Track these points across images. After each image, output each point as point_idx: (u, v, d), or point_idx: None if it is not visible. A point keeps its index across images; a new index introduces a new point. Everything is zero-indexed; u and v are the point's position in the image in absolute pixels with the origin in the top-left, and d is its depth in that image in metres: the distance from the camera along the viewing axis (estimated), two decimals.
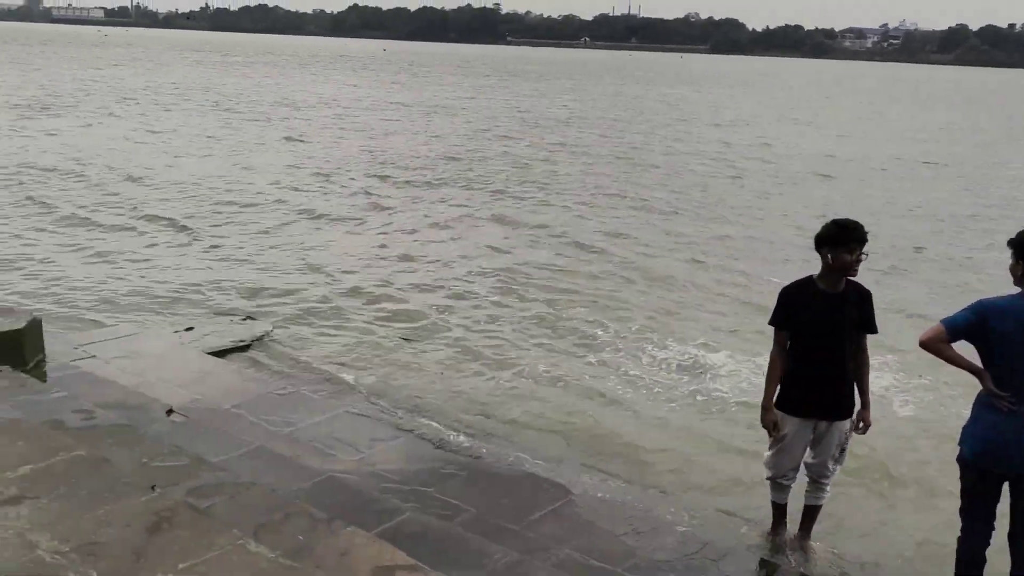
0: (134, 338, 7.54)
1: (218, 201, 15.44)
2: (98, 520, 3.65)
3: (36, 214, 13.80)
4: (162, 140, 23.64)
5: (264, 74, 60.86)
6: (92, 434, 4.82)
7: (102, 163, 18.98)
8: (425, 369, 7.72)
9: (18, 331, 5.98)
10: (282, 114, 32.53)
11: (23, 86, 39.30)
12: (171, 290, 9.94)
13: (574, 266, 11.77)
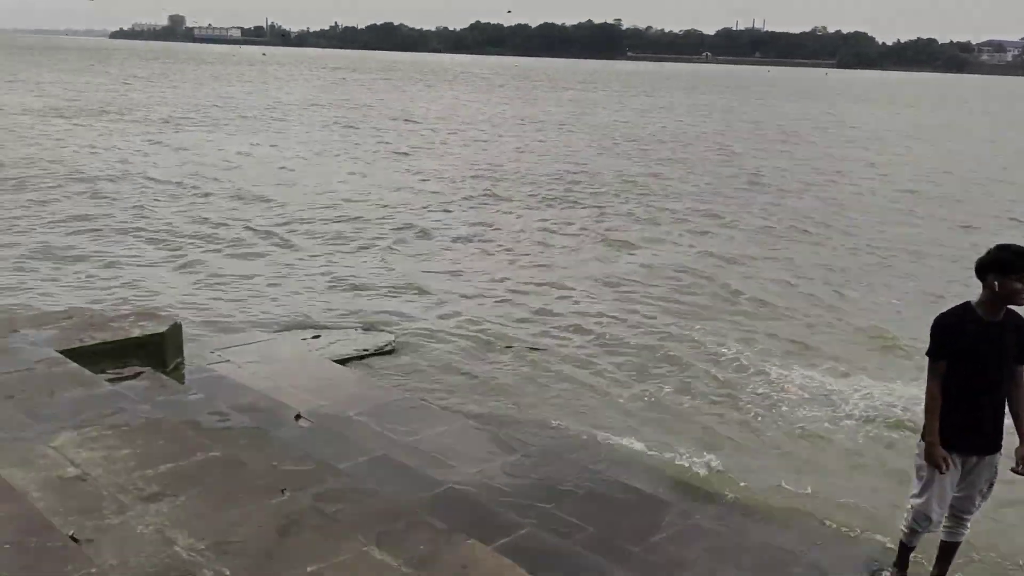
0: (266, 344, 7.82)
1: (341, 215, 15.90)
2: (232, 520, 3.77)
3: (175, 226, 14.52)
4: (289, 155, 24.55)
5: (385, 89, 62.56)
6: (226, 435, 5.01)
7: (231, 177, 19.87)
8: (546, 385, 7.70)
9: (161, 335, 6.28)
10: (401, 128, 33.35)
11: (163, 102, 41.62)
12: (300, 299, 10.29)
13: (693, 286, 11.56)
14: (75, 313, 6.78)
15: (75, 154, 22.26)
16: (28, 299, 9.84)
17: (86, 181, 18.24)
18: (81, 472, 4.10)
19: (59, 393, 5.07)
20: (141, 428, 4.63)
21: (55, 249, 12.34)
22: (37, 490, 3.90)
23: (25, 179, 18.13)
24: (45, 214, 14.75)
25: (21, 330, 6.14)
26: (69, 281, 10.77)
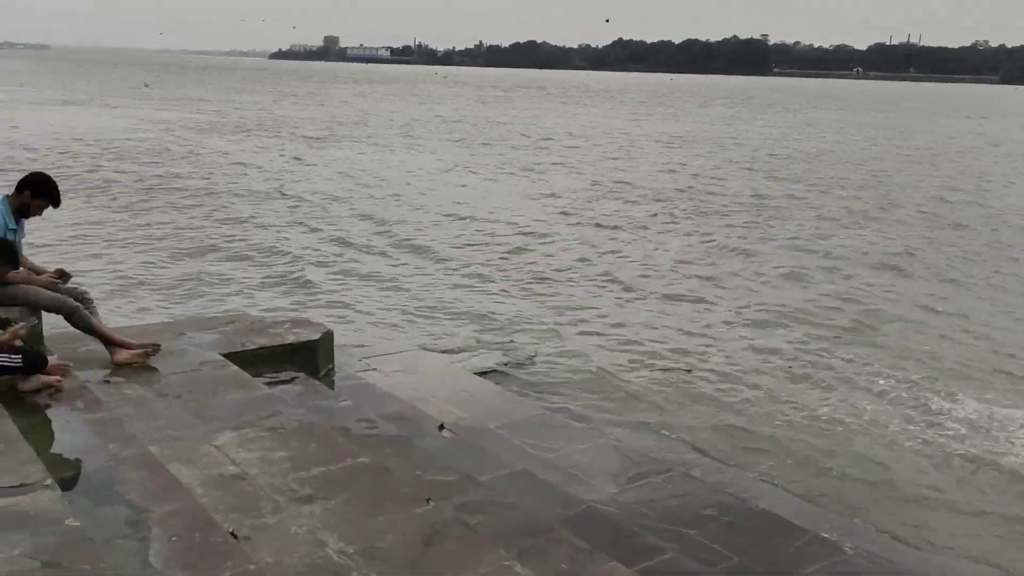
0: (411, 355, 8.01)
1: (477, 229, 16.15)
2: (379, 526, 3.87)
3: (320, 237, 15.12)
4: (429, 170, 25.18)
5: (524, 106, 63.29)
6: (374, 443, 5.15)
7: (372, 190, 20.56)
8: (688, 405, 7.55)
9: (314, 342, 6.54)
10: (539, 145, 33.60)
11: (310, 119, 43.54)
12: (444, 312, 10.49)
13: (836, 310, 11.08)
14: (237, 319, 7.15)
15: (229, 168, 23.58)
16: (194, 304, 10.46)
17: (235, 194, 19.27)
18: (240, 471, 4.30)
19: (221, 394, 5.34)
20: (295, 431, 4.82)
21: (217, 257, 13.08)
22: (201, 486, 4.12)
23: (187, 190, 19.35)
24: (207, 224, 15.66)
25: (188, 333, 6.52)
26: (230, 288, 11.37)
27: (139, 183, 20.29)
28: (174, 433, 4.73)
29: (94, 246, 13.52)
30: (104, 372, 5.60)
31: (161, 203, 17.79)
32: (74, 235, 14.02)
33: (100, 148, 27.19)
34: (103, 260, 12.57)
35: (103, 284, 10.79)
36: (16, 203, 5.70)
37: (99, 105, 49.10)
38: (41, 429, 4.59)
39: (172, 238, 14.44)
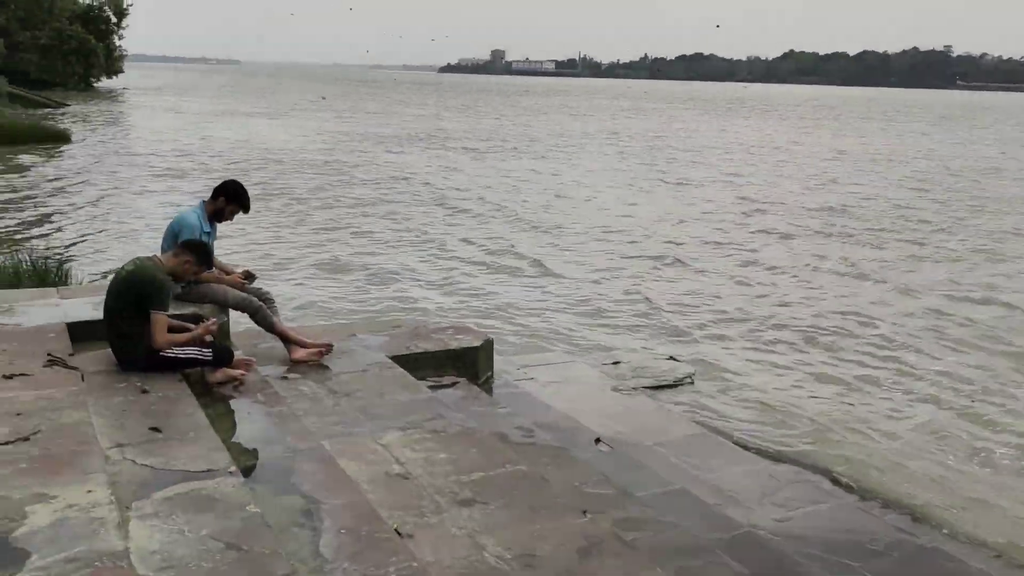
0: (568, 366, 8.05)
1: (641, 243, 16.02)
2: (535, 534, 3.90)
3: (487, 246, 15.42)
4: (592, 182, 25.22)
5: (685, 119, 62.37)
6: (531, 451, 5.21)
7: (539, 202, 20.77)
8: (858, 436, 7.22)
9: (475, 348, 6.69)
10: (696, 159, 33.04)
11: (476, 129, 44.51)
12: (603, 324, 10.49)
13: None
14: (403, 323, 7.41)
15: (395, 176, 24.46)
16: (364, 307, 10.93)
17: (401, 203, 19.96)
18: (405, 470, 4.45)
19: (388, 395, 5.55)
20: (457, 435, 4.94)
21: (385, 262, 13.61)
22: (368, 483, 4.29)
23: (356, 198, 20.22)
24: (376, 230, 16.32)
25: (358, 335, 6.82)
26: (397, 292, 11.81)
27: (313, 190, 21.40)
28: (344, 429, 4.95)
29: (274, 249, 14.35)
30: (282, 368, 5.94)
31: (333, 209, 18.69)
32: (256, 238, 14.93)
33: (278, 157, 28.87)
34: (281, 262, 13.32)
35: (281, 285, 11.44)
36: (211, 208, 6.14)
37: (280, 116, 52.15)
38: (226, 419, 4.91)
39: (343, 243, 15.13)
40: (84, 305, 6.19)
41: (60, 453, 3.81)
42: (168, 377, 5.14)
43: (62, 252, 12.85)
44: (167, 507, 3.55)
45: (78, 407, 4.35)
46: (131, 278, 5.19)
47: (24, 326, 5.67)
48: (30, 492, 3.43)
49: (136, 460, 4.01)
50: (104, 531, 3.16)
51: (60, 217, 16.96)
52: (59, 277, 10.05)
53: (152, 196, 19.83)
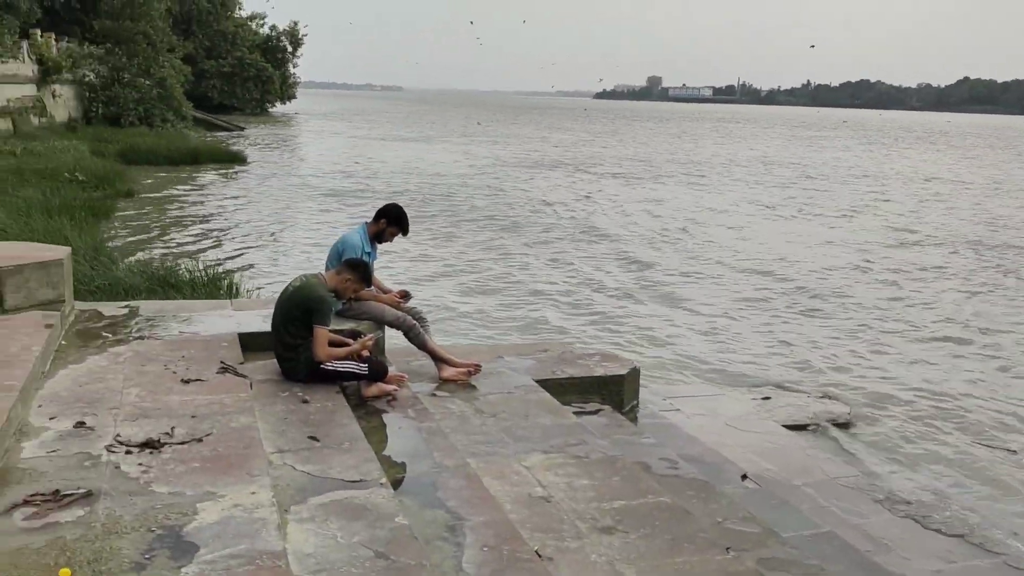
0: (714, 399, 7.91)
1: (789, 274, 15.53)
2: (676, 567, 3.87)
3: (635, 273, 15.36)
4: (740, 210, 24.67)
5: (846, 148, 59.98)
6: (675, 483, 5.15)
7: (688, 228, 20.49)
8: (1012, 487, 6.74)
9: (621, 376, 6.68)
10: (853, 190, 31.71)
11: (626, 155, 44.39)
12: (752, 357, 10.24)
13: None
14: (550, 347, 7.49)
15: (543, 201, 24.71)
16: (511, 329, 11.10)
17: (549, 227, 20.14)
18: (547, 494, 4.51)
19: (532, 418, 5.63)
20: (599, 462, 4.96)
21: (532, 285, 13.78)
22: (510, 503, 4.37)
23: (507, 221, 20.58)
24: (525, 253, 16.55)
25: (505, 357, 6.95)
26: (544, 315, 11.93)
27: (465, 212, 21.95)
28: (489, 449, 5.06)
29: (427, 269, 14.81)
30: (432, 386, 6.13)
31: (483, 232, 19.10)
32: (411, 258, 15.44)
33: (433, 179, 29.79)
34: (434, 282, 13.73)
35: (432, 304, 11.79)
36: (373, 229, 6.44)
37: (436, 140, 53.83)
38: (378, 432, 5.12)
39: (491, 265, 15.43)
40: (254, 317, 6.60)
41: (228, 455, 4.08)
42: (327, 389, 5.41)
43: (234, 266, 13.71)
44: (322, 513, 3.74)
45: (245, 413, 4.64)
46: (297, 294, 5.51)
47: (201, 335, 6.11)
48: (202, 490, 3.69)
49: (295, 466, 4.24)
50: (265, 531, 3.36)
51: (233, 233, 18.11)
52: (230, 290, 10.74)
53: (317, 216, 20.87)
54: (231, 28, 69.89)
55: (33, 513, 3.45)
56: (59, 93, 39.05)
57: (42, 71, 36.25)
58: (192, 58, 59.77)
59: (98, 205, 17.64)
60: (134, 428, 4.33)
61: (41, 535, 3.28)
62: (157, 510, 3.50)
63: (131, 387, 4.95)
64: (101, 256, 11.69)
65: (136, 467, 3.90)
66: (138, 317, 6.53)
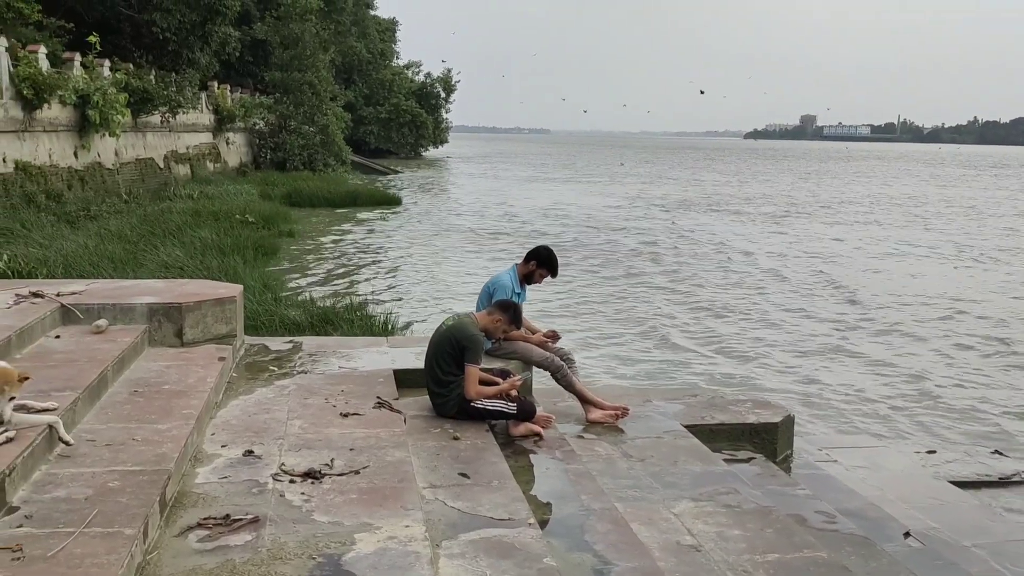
0: (876, 451, 7.53)
1: (953, 317, 14.65)
2: None
3: (786, 317, 14.88)
4: (892, 252, 23.54)
5: (1000, 186, 56.28)
6: (833, 538, 4.93)
7: (840, 270, 19.70)
8: None
9: (774, 424, 6.47)
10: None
11: (772, 195, 43.21)
12: (913, 407, 9.71)
13: None
14: (700, 392, 7.37)
15: (687, 240, 24.36)
16: (659, 372, 10.98)
17: (696, 267, 19.80)
18: (696, 542, 4.41)
19: (681, 464, 5.54)
20: (752, 513, 4.81)
21: (682, 326, 13.59)
22: (659, 550, 4.30)
23: (653, 260, 20.41)
24: (670, 294, 16.35)
25: (653, 400, 6.87)
26: (693, 358, 11.73)
27: (609, 253, 21.93)
28: (637, 494, 5.01)
29: (574, 309, 14.87)
30: (579, 428, 6.14)
31: (628, 272, 19.01)
32: (559, 299, 15.54)
33: (579, 220, 29.96)
34: (579, 322, 13.76)
35: (578, 344, 11.81)
36: (523, 271, 6.56)
37: (581, 182, 54.22)
38: (526, 471, 5.16)
39: (638, 304, 15.33)
40: (408, 354, 6.81)
41: (383, 488, 4.21)
42: (476, 426, 5.51)
43: (387, 303, 14.20)
44: (472, 549, 3.81)
45: (400, 447, 4.79)
46: (450, 332, 5.66)
47: (359, 371, 6.36)
48: (359, 521, 3.83)
49: (446, 502, 4.34)
50: (419, 565, 3.45)
51: (387, 272, 18.79)
52: (384, 326, 11.13)
53: (466, 256, 21.39)
54: (388, 76, 73.06)
55: (206, 536, 3.67)
56: (232, 140, 41.82)
57: (218, 120, 38.96)
58: (352, 105, 62.86)
59: (265, 244, 18.72)
60: (297, 458, 4.55)
61: (213, 557, 3.49)
62: (318, 538, 3.65)
63: (295, 419, 5.20)
64: (267, 293, 12.37)
65: (299, 496, 4.09)
66: (301, 352, 6.87)
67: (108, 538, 3.28)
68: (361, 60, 68.49)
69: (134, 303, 6.24)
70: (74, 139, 23.07)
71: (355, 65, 68.10)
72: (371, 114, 70.30)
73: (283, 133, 44.90)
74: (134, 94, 25.93)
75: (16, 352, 5.22)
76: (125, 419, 4.64)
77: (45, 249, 13.86)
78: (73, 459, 4.05)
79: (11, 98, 19.85)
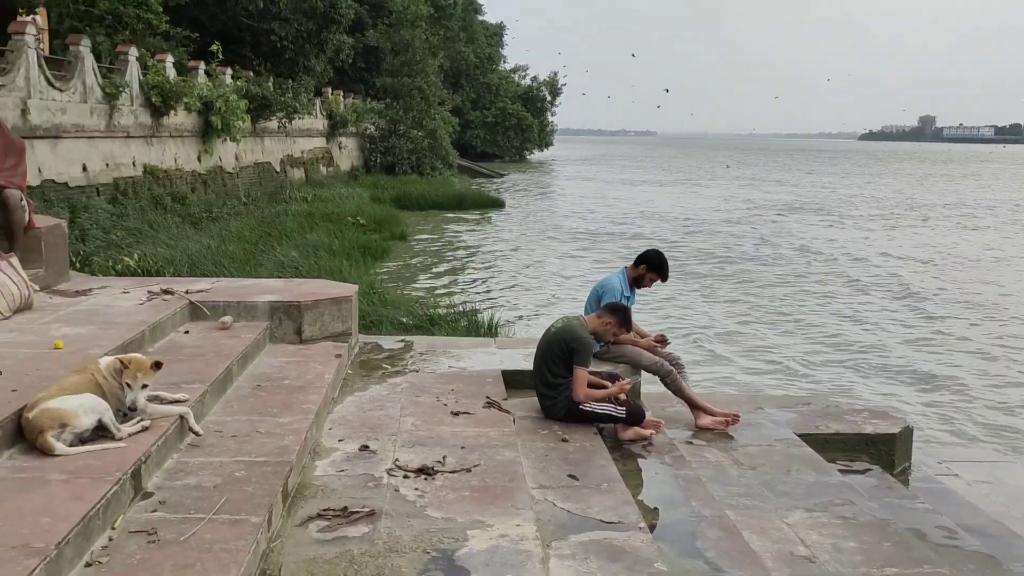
0: (999, 466, 7.23)
1: None
2: None
3: (905, 323, 14.33)
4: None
5: None
6: (954, 554, 4.75)
7: (962, 277, 18.84)
8: None
9: (892, 435, 6.26)
10: None
11: (880, 197, 41.58)
12: None
13: None
14: (813, 400, 7.18)
15: (796, 245, 23.70)
16: (770, 379, 10.75)
17: (803, 272, 19.26)
18: (810, 553, 4.32)
19: (794, 474, 5.41)
20: (868, 525, 4.67)
21: (788, 331, 13.26)
22: (771, 559, 4.22)
23: (760, 263, 19.95)
24: (782, 298, 15.97)
25: (765, 408, 6.74)
26: (808, 366, 11.44)
27: (716, 256, 21.56)
28: (748, 502, 4.93)
29: (683, 314, 14.69)
30: (687, 433, 6.07)
31: (734, 276, 18.66)
32: (668, 303, 15.40)
33: (683, 223, 29.58)
34: (688, 327, 13.59)
35: (688, 350, 11.67)
36: (632, 274, 6.54)
37: (686, 184, 53.51)
38: (634, 476, 5.14)
39: (744, 308, 15.03)
40: (516, 356, 6.87)
41: (494, 487, 4.28)
42: (585, 429, 5.53)
43: (492, 304, 14.35)
44: (582, 551, 3.83)
45: (509, 447, 4.85)
46: (560, 334, 5.70)
47: (468, 371, 6.46)
48: (471, 518, 3.90)
49: (555, 503, 4.37)
50: (530, 563, 3.49)
51: (491, 274, 18.98)
52: (489, 327, 11.26)
53: (572, 259, 21.39)
54: (495, 80, 73.74)
55: (326, 526, 3.81)
56: (344, 144, 43.00)
57: (331, 125, 40.13)
58: (459, 109, 63.69)
59: (375, 246, 19.19)
60: (410, 454, 4.66)
61: (332, 547, 3.62)
62: (432, 533, 3.74)
63: (407, 416, 5.33)
64: (377, 292, 12.69)
65: (413, 491, 4.19)
66: (412, 351, 7.02)
67: (235, 525, 3.44)
68: (468, 65, 69.36)
69: (256, 301, 6.50)
70: (198, 144, 24.16)
71: (463, 70, 69.01)
72: (477, 118, 71.09)
73: (393, 137, 45.87)
74: (254, 100, 26.97)
75: (149, 346, 5.52)
76: (249, 412, 4.85)
77: (171, 248, 14.57)
78: (202, 448, 4.25)
79: (141, 105, 20.94)
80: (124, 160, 19.84)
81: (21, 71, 15.83)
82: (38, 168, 15.52)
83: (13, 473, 3.53)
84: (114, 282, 7.38)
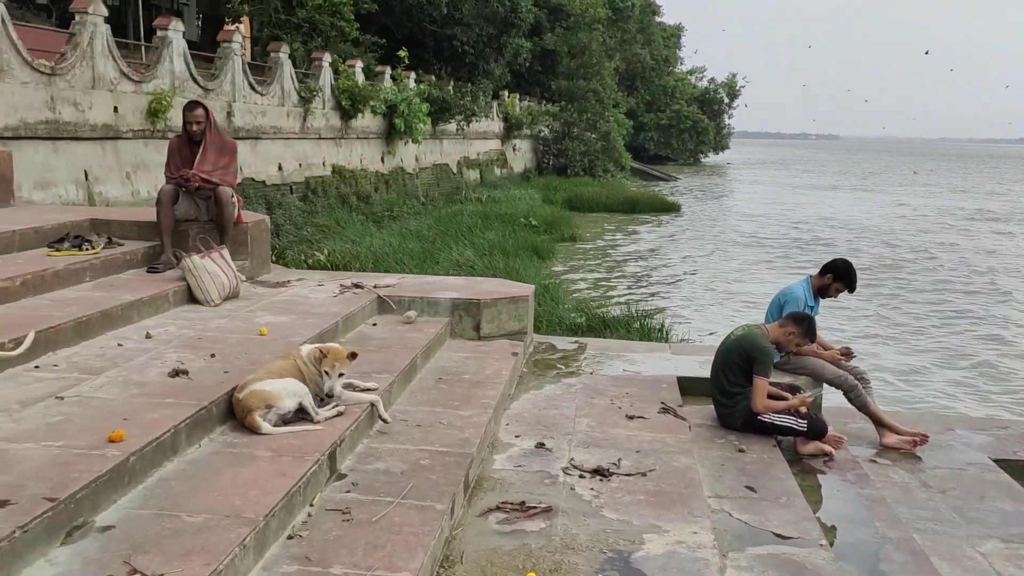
0: None
1: None
2: None
3: None
4: None
5: None
6: None
7: None
8: None
9: None
10: None
11: None
12: None
13: None
14: (1011, 425, 6.71)
15: (987, 262, 22.02)
16: (964, 400, 10.11)
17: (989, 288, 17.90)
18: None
19: (989, 500, 5.09)
20: None
21: (988, 351, 12.39)
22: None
23: (954, 279, 18.70)
24: (978, 318, 14.94)
25: (957, 430, 6.36)
26: (1005, 388, 10.68)
27: (903, 267, 20.40)
28: (937, 527, 4.68)
29: (866, 326, 14.03)
30: (871, 451, 5.82)
31: (923, 290, 17.60)
32: (853, 315, 14.75)
33: (866, 233, 28.13)
34: (873, 341, 12.96)
35: (870, 363, 11.15)
36: (817, 283, 6.33)
37: (870, 191, 50.87)
38: (815, 491, 4.98)
39: (937, 321, 14.17)
40: (691, 362, 6.80)
41: (670, 492, 4.27)
42: (763, 440, 5.41)
43: (663, 309, 14.22)
44: (760, 564, 3.76)
45: (685, 454, 4.82)
46: (740, 342, 5.59)
47: (642, 375, 6.45)
48: (646, 522, 3.92)
49: (732, 513, 4.31)
50: (707, 572, 3.48)
51: (664, 279, 18.79)
52: (661, 332, 11.17)
53: (745, 265, 20.86)
54: (671, 83, 72.81)
55: (504, 519, 3.93)
56: (518, 147, 43.71)
57: (506, 127, 40.91)
58: (633, 112, 63.31)
59: (547, 247, 19.43)
60: (585, 454, 4.72)
61: (511, 539, 3.73)
62: (608, 534, 3.79)
63: (582, 416, 5.40)
64: (549, 292, 12.85)
65: (588, 491, 4.25)
66: (586, 353, 7.09)
67: (422, 510, 3.61)
68: (644, 67, 68.83)
69: (438, 298, 6.76)
70: (381, 145, 25.26)
71: (638, 72, 68.56)
72: (651, 120, 70.41)
73: (566, 139, 46.19)
74: (434, 104, 27.91)
75: (341, 336, 5.85)
76: (432, 403, 5.06)
77: (356, 245, 15.33)
78: (389, 436, 4.48)
79: (332, 108, 22.13)
80: (315, 160, 21.03)
81: (228, 76, 17.10)
82: (240, 167, 16.68)
83: (226, 448, 3.85)
84: (309, 275, 7.85)
